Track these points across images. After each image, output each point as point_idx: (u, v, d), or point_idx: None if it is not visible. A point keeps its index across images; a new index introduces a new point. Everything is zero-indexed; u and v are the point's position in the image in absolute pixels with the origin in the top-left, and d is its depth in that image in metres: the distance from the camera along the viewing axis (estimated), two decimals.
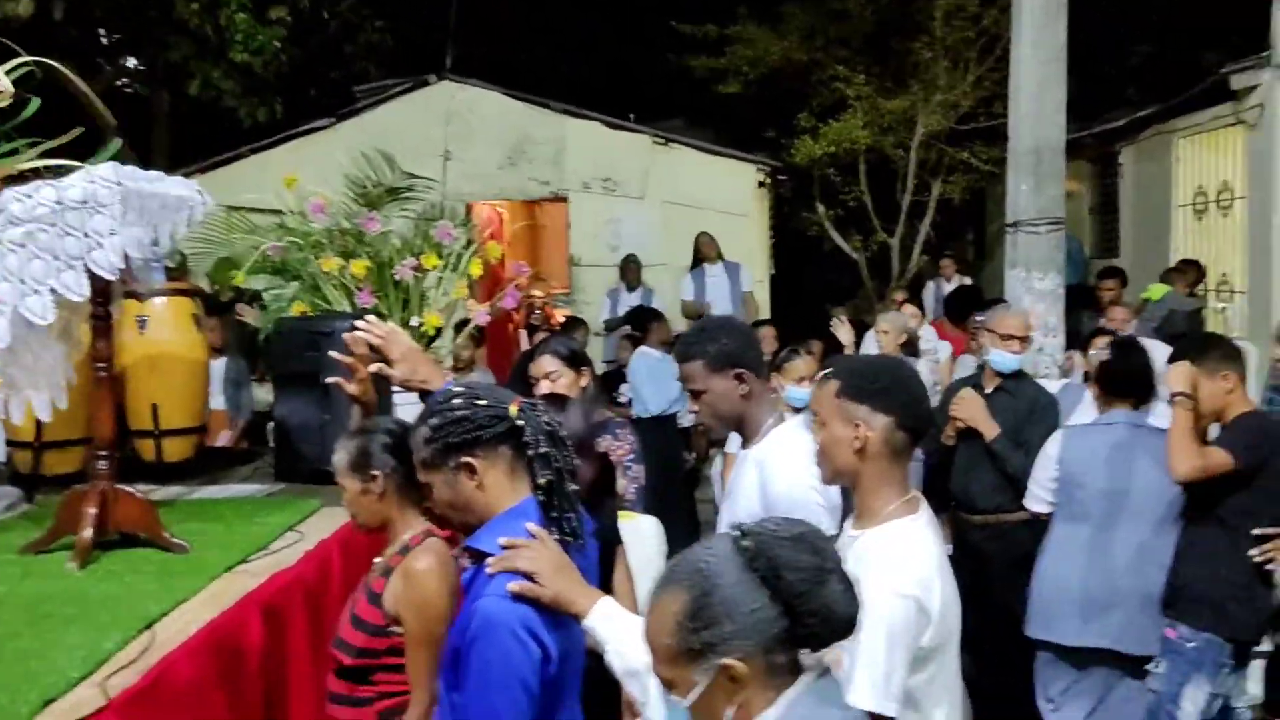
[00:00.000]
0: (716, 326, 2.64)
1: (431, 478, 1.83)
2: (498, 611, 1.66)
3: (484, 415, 1.80)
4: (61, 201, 2.93)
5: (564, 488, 1.81)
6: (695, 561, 1.37)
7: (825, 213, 10.29)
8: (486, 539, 1.76)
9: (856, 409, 2.02)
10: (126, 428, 4.52)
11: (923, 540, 2.01)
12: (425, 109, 8.74)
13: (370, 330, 2.30)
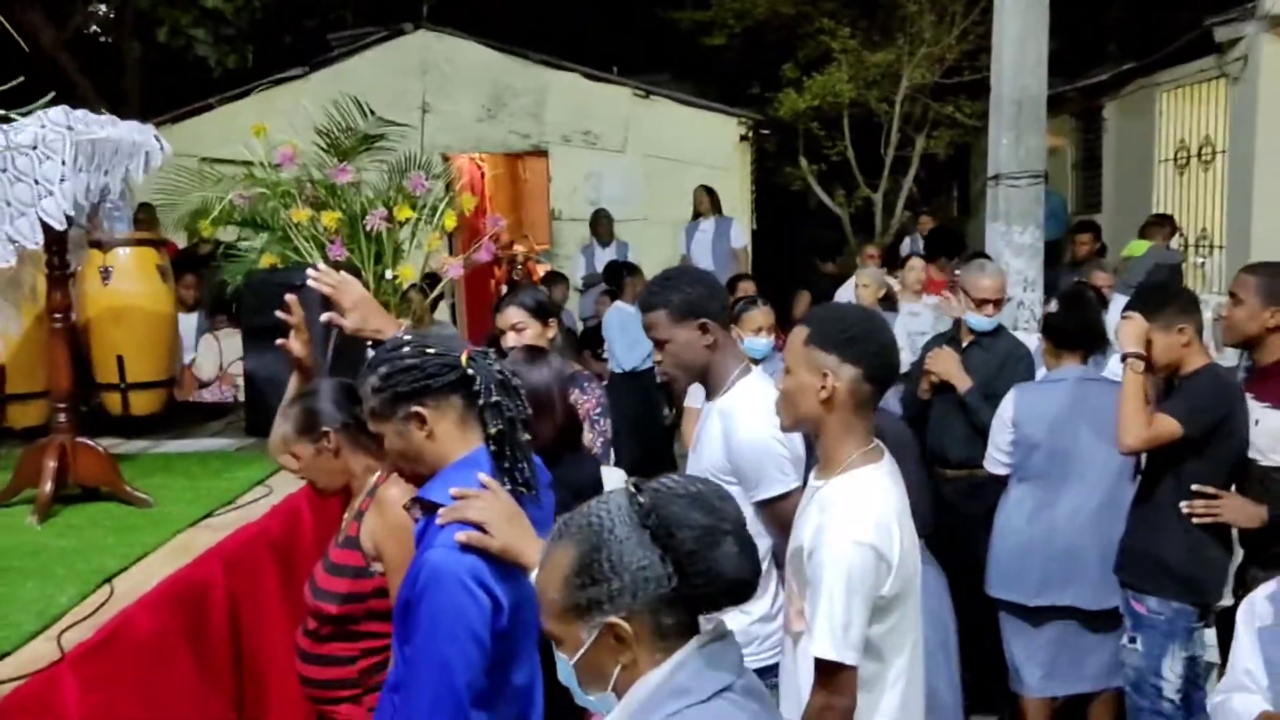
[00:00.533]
0: (680, 276, 2.59)
1: (382, 428, 1.79)
2: (446, 562, 1.62)
3: (434, 364, 1.75)
4: (10, 146, 2.84)
5: (516, 437, 1.76)
6: (589, 515, 1.32)
7: (809, 167, 10.20)
8: (437, 489, 1.72)
9: (825, 358, 1.98)
10: (93, 381, 4.45)
11: (883, 489, 1.99)
12: (402, 59, 8.57)
13: (321, 279, 2.24)
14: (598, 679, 1.32)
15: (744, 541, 1.33)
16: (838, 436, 2.01)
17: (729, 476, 2.38)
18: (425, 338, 1.86)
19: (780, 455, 2.29)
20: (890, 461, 2.06)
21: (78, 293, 4.34)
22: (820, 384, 1.98)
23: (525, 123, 8.60)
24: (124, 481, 3.32)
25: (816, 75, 9.85)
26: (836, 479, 2.00)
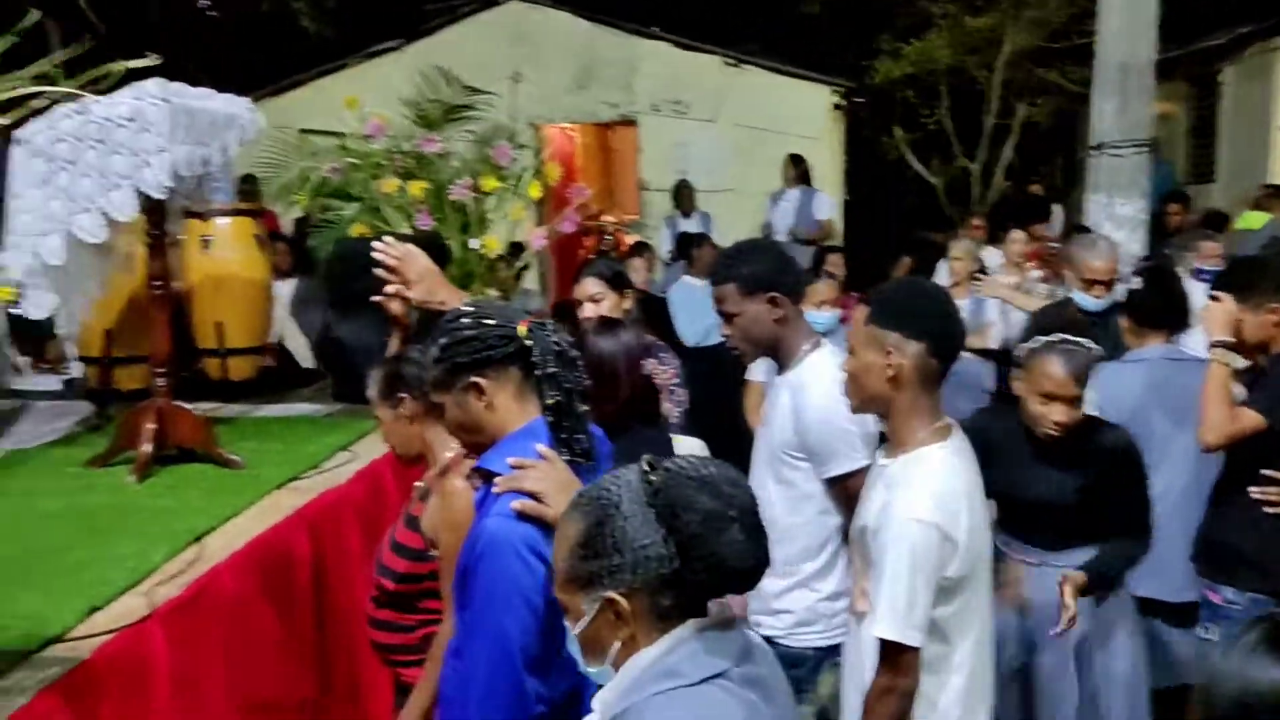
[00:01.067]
0: (750, 249, 2.56)
1: (442, 398, 1.81)
2: (501, 530, 1.63)
3: (492, 335, 1.76)
4: (110, 119, 2.94)
5: (573, 408, 1.76)
6: (601, 488, 1.32)
7: (903, 136, 9.96)
8: (495, 459, 1.74)
9: (888, 335, 1.96)
10: (195, 346, 4.62)
11: (951, 468, 1.95)
12: (494, 30, 8.62)
13: (387, 251, 2.26)
14: (598, 652, 1.32)
15: (752, 529, 1.31)
16: (906, 414, 1.98)
17: (798, 452, 2.35)
18: (484, 309, 1.86)
19: (850, 431, 2.26)
20: (960, 438, 2.02)
21: (180, 260, 4.52)
22: (885, 362, 1.95)
23: (615, 92, 8.57)
24: (217, 444, 3.45)
25: (914, 41, 9.60)
26: (903, 457, 1.97)
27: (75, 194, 2.93)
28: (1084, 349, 2.60)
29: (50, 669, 2.01)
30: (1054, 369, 2.56)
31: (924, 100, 10.02)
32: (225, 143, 3.36)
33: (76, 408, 4.48)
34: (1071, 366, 2.56)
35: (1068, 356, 2.57)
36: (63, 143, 2.94)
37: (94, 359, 4.31)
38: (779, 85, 8.45)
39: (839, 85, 8.53)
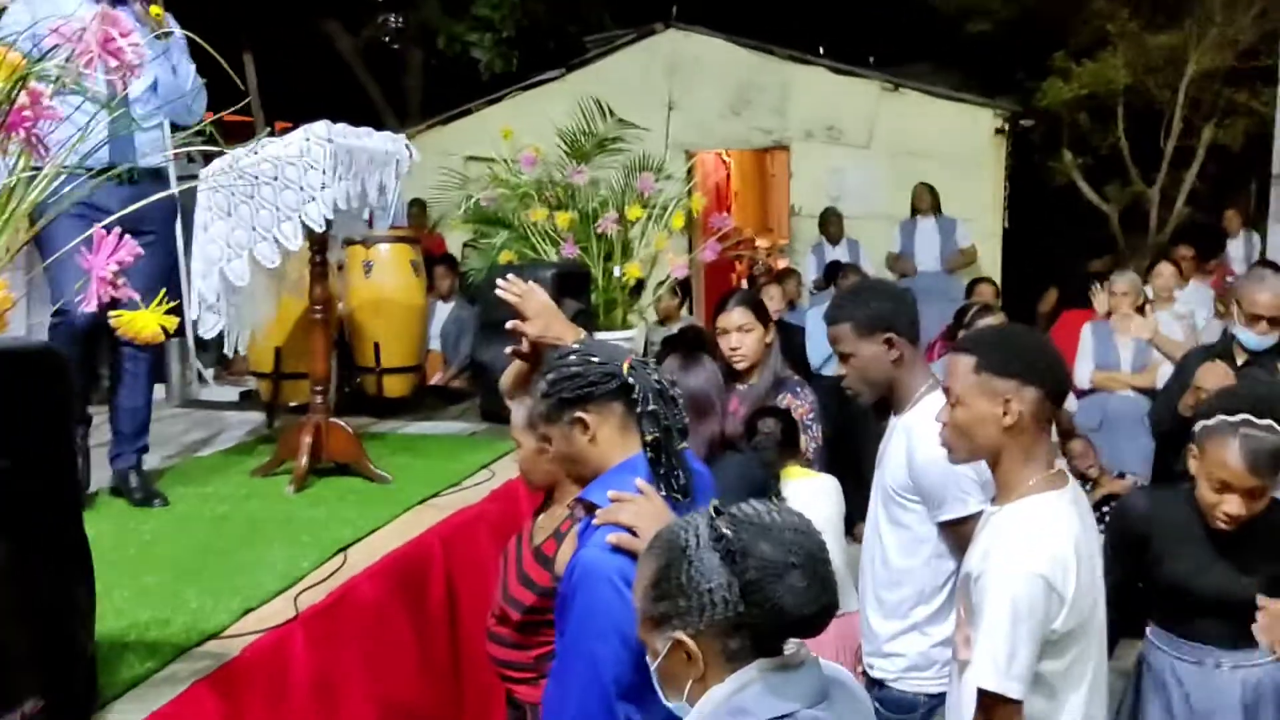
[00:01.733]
0: (868, 289, 2.56)
1: (549, 431, 1.90)
2: (597, 562, 1.71)
3: (596, 372, 1.84)
4: (281, 157, 3.20)
5: (672, 445, 1.82)
6: (674, 531, 1.36)
7: (1073, 161, 9.57)
8: (597, 492, 1.82)
9: (1003, 383, 1.91)
10: (354, 364, 4.93)
11: (1063, 518, 1.89)
12: (651, 58, 8.80)
13: (508, 289, 2.37)
14: (674, 687, 1.37)
15: (815, 576, 1.32)
16: (1019, 462, 1.94)
17: (912, 495, 2.34)
18: (591, 346, 1.95)
19: (964, 476, 2.23)
20: (1075, 488, 1.97)
21: (344, 284, 4.83)
22: (1002, 410, 1.92)
23: (769, 118, 8.60)
24: (368, 459, 3.67)
25: (1087, 62, 9.22)
26: (1012, 505, 1.93)
27: (254, 224, 3.21)
28: (1275, 435, 2.23)
29: (204, 662, 2.21)
30: (1231, 458, 2.23)
31: (1097, 122, 9.60)
32: (383, 177, 3.59)
33: (250, 418, 4.85)
34: (1253, 457, 2.22)
35: (1249, 444, 2.23)
36: (242, 179, 3.22)
37: (265, 374, 4.65)
38: (937, 109, 8.28)
39: (1001, 108, 8.28)
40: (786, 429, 3.24)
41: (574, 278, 4.52)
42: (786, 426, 3.24)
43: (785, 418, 3.27)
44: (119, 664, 2.11)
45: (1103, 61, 9.20)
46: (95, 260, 1.26)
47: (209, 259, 3.28)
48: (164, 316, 1.50)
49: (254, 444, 4.28)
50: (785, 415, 3.29)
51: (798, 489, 3.12)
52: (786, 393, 3.41)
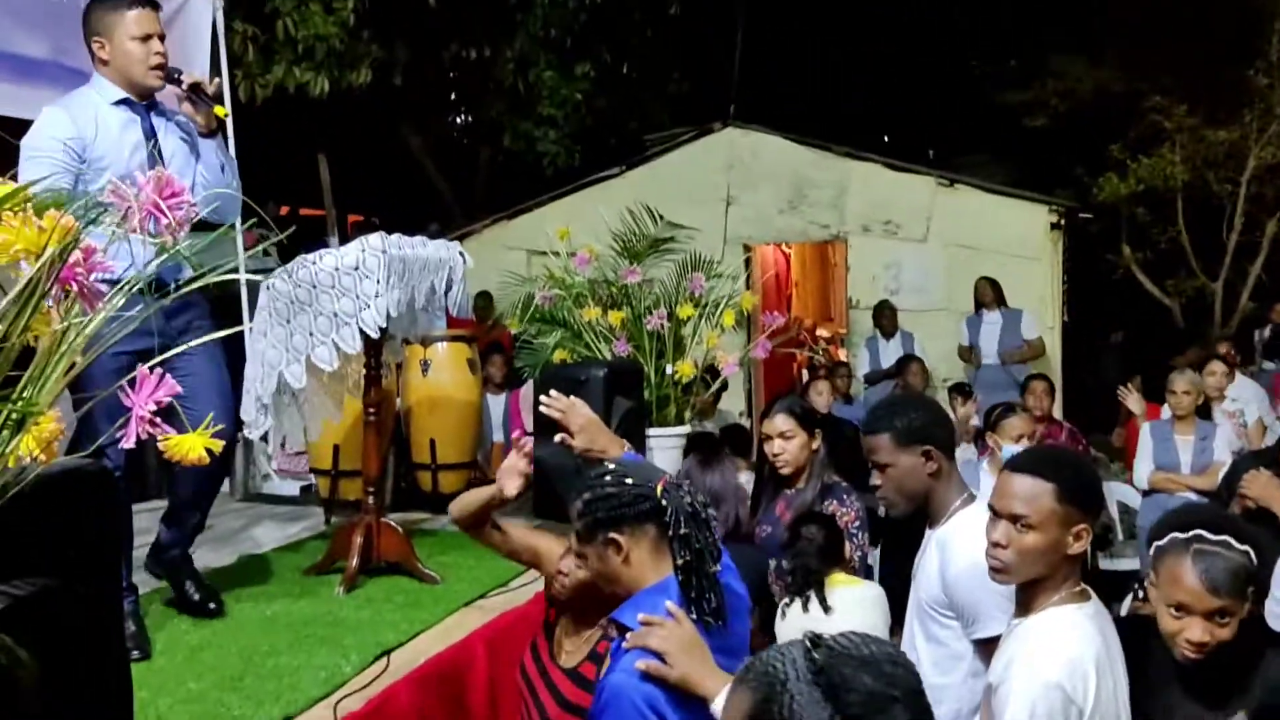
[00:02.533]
0: (905, 401, 2.57)
1: (584, 549, 1.93)
2: (625, 685, 1.72)
3: (631, 493, 1.88)
4: (339, 267, 3.34)
5: (704, 568, 1.84)
6: (768, 663, 1.33)
7: (1131, 255, 9.48)
8: (628, 613, 1.83)
9: (1079, 514, 1.94)
10: (410, 460, 5.02)
11: (1084, 632, 1.89)
12: (710, 155, 8.98)
13: (551, 405, 2.43)
14: None
15: (918, 709, 1.28)
16: (1055, 582, 1.95)
17: (946, 610, 2.31)
18: (627, 467, 1.99)
19: (999, 594, 2.20)
20: (1097, 605, 1.95)
21: (402, 382, 4.96)
22: (1073, 539, 1.93)
23: (825, 213, 8.69)
24: (417, 559, 3.73)
25: (1143, 159, 9.19)
26: (1035, 616, 1.94)
27: (313, 329, 3.34)
28: (1232, 552, 2.03)
29: None
30: (1186, 577, 2.01)
31: (1157, 215, 9.53)
32: (437, 283, 3.72)
33: (309, 512, 4.96)
34: (1209, 574, 2.00)
35: (1204, 560, 2.02)
36: (301, 288, 3.36)
37: (324, 471, 4.76)
38: (993, 204, 8.29)
39: (1057, 204, 8.27)
40: (829, 536, 3.22)
41: (627, 375, 4.58)
42: (829, 534, 3.22)
43: (829, 524, 3.26)
44: None
45: (1160, 157, 9.17)
46: (136, 398, 1.34)
47: (269, 363, 3.42)
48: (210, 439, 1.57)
49: (311, 541, 4.37)
50: (829, 522, 3.27)
51: (841, 597, 3.10)
52: (833, 499, 3.39)
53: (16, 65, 4.29)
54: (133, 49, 3.02)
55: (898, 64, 13.80)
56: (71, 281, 1.26)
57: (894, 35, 13.75)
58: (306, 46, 7.96)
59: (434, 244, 3.66)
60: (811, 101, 13.78)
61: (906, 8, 13.45)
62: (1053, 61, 10.75)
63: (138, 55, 3.03)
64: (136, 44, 3.03)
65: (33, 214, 1.21)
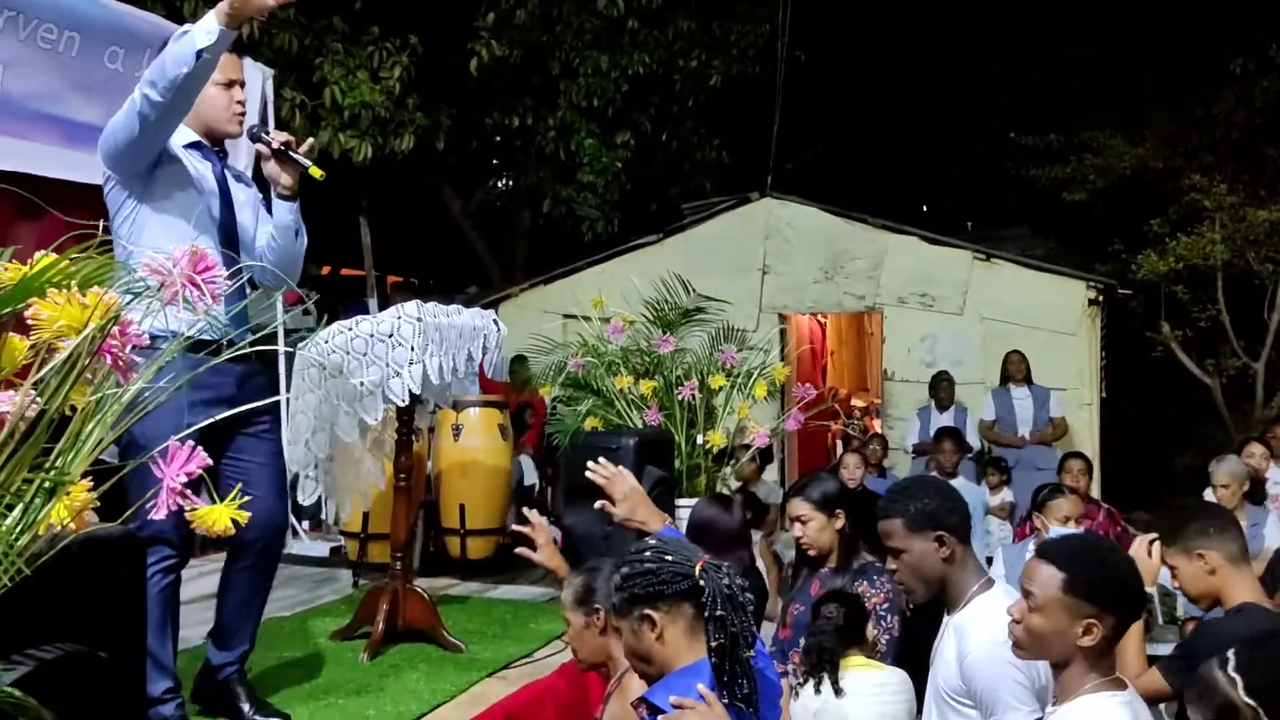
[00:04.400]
0: (919, 486, 2.54)
1: (619, 624, 1.92)
2: None
3: (668, 571, 1.86)
4: (374, 334, 3.38)
5: (738, 653, 1.81)
6: None
7: (1171, 332, 9.37)
8: (660, 693, 1.81)
9: (1089, 608, 1.91)
10: (439, 524, 5.03)
11: (1115, 718, 1.85)
12: (746, 224, 9.04)
13: (598, 471, 2.43)
14: None
15: None
16: (1083, 671, 1.92)
17: (965, 699, 2.27)
18: (667, 543, 1.97)
19: (1017, 683, 2.16)
20: (1133, 694, 1.91)
21: (434, 446, 4.99)
22: (1082, 631, 1.91)
23: (861, 284, 8.69)
24: (443, 626, 3.71)
25: (1182, 237, 9.14)
26: (1068, 704, 1.91)
27: (339, 398, 3.36)
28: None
29: None
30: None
31: (1198, 292, 9.43)
32: (472, 350, 3.75)
33: (337, 575, 4.96)
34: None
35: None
36: (335, 354, 3.40)
37: (353, 534, 4.77)
38: (1031, 279, 8.25)
39: (1095, 280, 8.22)
40: (850, 616, 3.15)
41: (657, 444, 4.58)
42: (850, 613, 3.16)
43: (851, 604, 3.19)
44: None
45: (1200, 235, 9.11)
46: (168, 470, 1.35)
47: (297, 429, 3.44)
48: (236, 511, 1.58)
49: (338, 604, 4.37)
50: (851, 601, 3.21)
51: (858, 680, 3.02)
52: (863, 580, 3.34)
53: (69, 129, 4.42)
54: (215, 94, 2.88)
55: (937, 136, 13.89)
56: (108, 354, 1.29)
57: (934, 108, 13.86)
58: (353, 114, 8.16)
59: (469, 312, 3.70)
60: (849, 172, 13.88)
61: (947, 81, 13.58)
62: (1092, 137, 10.76)
63: (220, 100, 2.92)
64: (219, 89, 2.90)
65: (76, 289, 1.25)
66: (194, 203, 2.85)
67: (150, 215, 2.78)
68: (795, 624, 3.36)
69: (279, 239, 3.03)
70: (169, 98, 2.60)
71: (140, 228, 2.76)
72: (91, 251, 1.34)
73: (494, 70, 9.41)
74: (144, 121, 2.65)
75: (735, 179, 11.15)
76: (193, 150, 2.91)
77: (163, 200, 2.80)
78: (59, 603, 1.60)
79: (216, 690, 2.96)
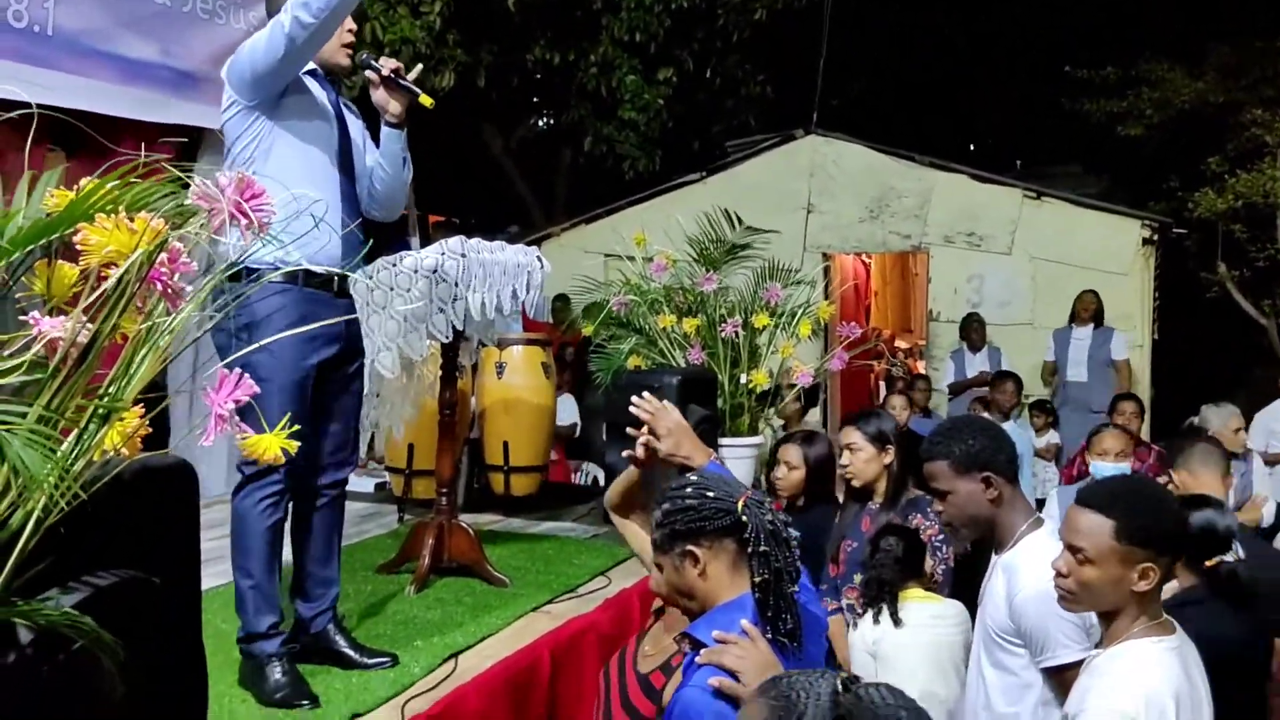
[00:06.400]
0: (964, 426, 2.49)
1: (661, 560, 1.91)
2: (696, 703, 1.69)
3: (710, 507, 1.84)
4: (418, 270, 3.36)
5: (782, 588, 1.80)
6: (793, 687, 1.29)
7: (1227, 272, 9.14)
8: (703, 628, 1.80)
9: (1143, 553, 1.88)
10: (483, 461, 5.05)
11: (1165, 664, 1.83)
12: (791, 162, 8.90)
13: (641, 406, 2.40)
14: None
15: None
16: (1132, 616, 1.90)
17: (1013, 638, 2.25)
18: (709, 479, 1.95)
19: (1067, 620, 2.13)
20: (1182, 639, 1.88)
21: (477, 384, 4.99)
22: (1138, 577, 1.88)
23: (907, 223, 8.54)
24: (488, 561, 3.74)
25: (1241, 174, 8.86)
26: (1115, 648, 1.89)
27: (383, 334, 3.36)
28: None
29: None
30: None
31: (1256, 231, 9.17)
32: (516, 288, 3.72)
33: (383, 510, 5.02)
34: None
35: None
36: (378, 290, 3.39)
37: (398, 469, 4.81)
38: (1082, 217, 8.07)
39: (1149, 219, 8.01)
40: (909, 549, 3.16)
41: (700, 384, 4.55)
42: (909, 546, 3.17)
43: (910, 537, 3.20)
44: None
45: (1260, 172, 8.83)
46: (217, 396, 1.35)
47: None
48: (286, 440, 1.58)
49: (384, 539, 4.42)
50: (910, 535, 3.22)
51: (917, 612, 3.04)
52: (917, 513, 3.35)
53: (123, 66, 4.42)
54: None
55: (986, 72, 13.53)
56: (157, 281, 1.28)
57: (984, 42, 13.49)
58: (393, 50, 8.09)
59: (512, 249, 3.66)
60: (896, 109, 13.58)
61: (998, 14, 13.19)
62: (1150, 70, 10.43)
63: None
64: None
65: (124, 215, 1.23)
66: (319, 130, 2.86)
67: (278, 141, 2.78)
68: (848, 560, 3.36)
69: (388, 168, 3.04)
70: (323, 18, 2.61)
71: (266, 153, 2.75)
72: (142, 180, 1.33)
73: (535, 5, 9.27)
74: (290, 45, 2.64)
75: (780, 116, 10.94)
76: (309, 77, 2.91)
77: (291, 126, 2.80)
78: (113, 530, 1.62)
79: (313, 643, 2.88)
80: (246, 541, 2.72)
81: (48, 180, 1.40)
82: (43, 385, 1.25)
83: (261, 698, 2.59)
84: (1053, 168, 11.72)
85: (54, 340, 1.24)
